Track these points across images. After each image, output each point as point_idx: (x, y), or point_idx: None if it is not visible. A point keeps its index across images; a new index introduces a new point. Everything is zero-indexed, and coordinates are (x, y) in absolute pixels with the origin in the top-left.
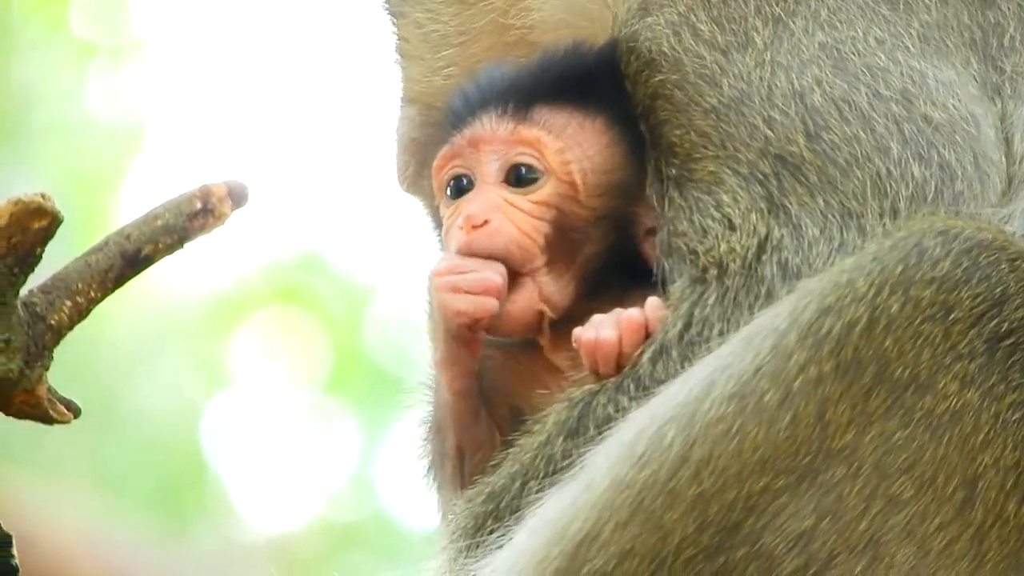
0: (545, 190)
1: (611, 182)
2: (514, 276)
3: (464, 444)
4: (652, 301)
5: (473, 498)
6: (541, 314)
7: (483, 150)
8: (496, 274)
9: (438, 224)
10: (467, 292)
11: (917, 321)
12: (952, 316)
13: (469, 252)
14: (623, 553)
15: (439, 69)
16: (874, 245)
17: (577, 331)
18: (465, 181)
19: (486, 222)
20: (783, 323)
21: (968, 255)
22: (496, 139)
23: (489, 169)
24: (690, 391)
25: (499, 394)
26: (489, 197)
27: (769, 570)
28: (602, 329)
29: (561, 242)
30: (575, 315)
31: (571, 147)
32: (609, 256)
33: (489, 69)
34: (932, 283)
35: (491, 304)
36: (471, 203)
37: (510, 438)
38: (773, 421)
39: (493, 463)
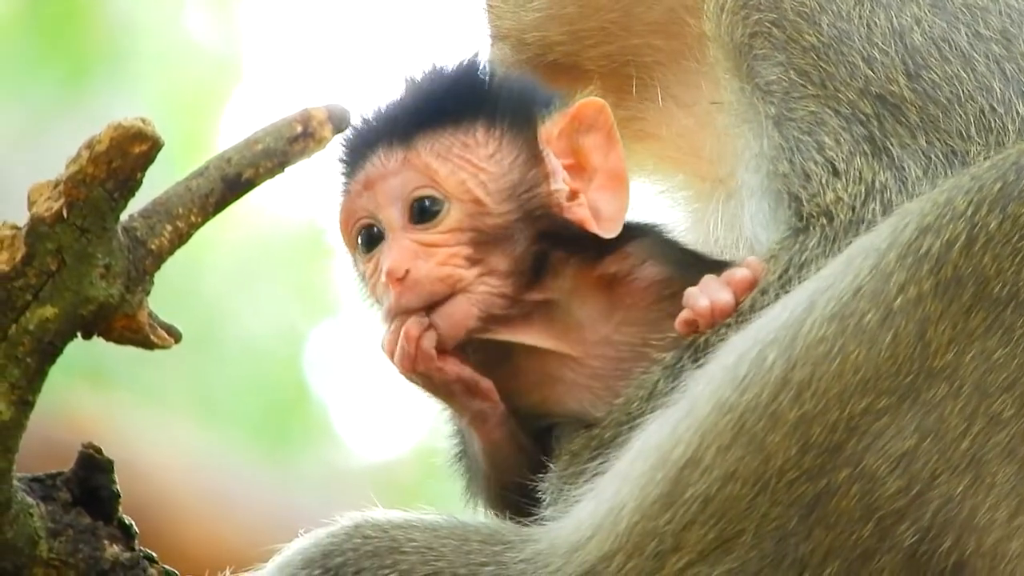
0: (452, 216)
1: (513, 182)
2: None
3: (519, 474)
4: (752, 259)
5: (579, 452)
6: (485, 317)
7: (379, 191)
8: (412, 326)
9: (360, 275)
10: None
11: (1015, 238)
12: None
13: (402, 311)
14: (726, 476)
15: (526, 3)
16: (973, 166)
17: (692, 301)
18: (375, 230)
19: (407, 272)
20: (883, 243)
21: None
22: (388, 175)
23: (392, 213)
24: (791, 313)
25: (524, 414)
26: (402, 245)
27: (872, 491)
28: (715, 294)
29: (489, 254)
30: (530, 301)
31: (462, 166)
32: (544, 240)
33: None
34: None
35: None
36: (387, 257)
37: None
38: (874, 341)
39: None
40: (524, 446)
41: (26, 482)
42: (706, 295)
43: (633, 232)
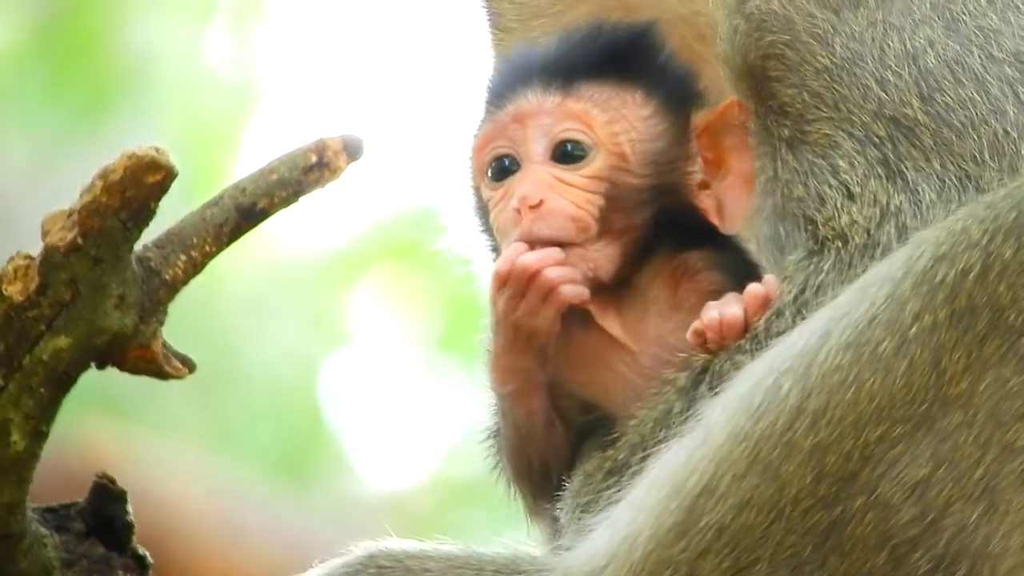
0: (595, 164)
1: (659, 149)
2: (564, 247)
3: (549, 458)
4: (769, 278)
5: (593, 474)
6: (587, 280)
7: (529, 125)
8: (554, 255)
9: (479, 206)
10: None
11: None
12: None
13: (530, 238)
14: (741, 504)
15: (532, 40)
16: (989, 195)
17: (704, 312)
18: (507, 162)
19: (542, 202)
20: (898, 271)
21: None
22: (543, 112)
23: (535, 147)
24: (806, 342)
25: (562, 388)
26: (539, 176)
27: (886, 519)
28: (726, 307)
29: (614, 212)
30: (624, 278)
31: (618, 119)
32: (662, 217)
33: (525, 49)
34: None
35: (584, 292)
36: (522, 183)
37: (588, 432)
38: (889, 370)
39: (613, 437)
40: (553, 422)
41: (40, 512)
42: (717, 308)
43: (714, 237)
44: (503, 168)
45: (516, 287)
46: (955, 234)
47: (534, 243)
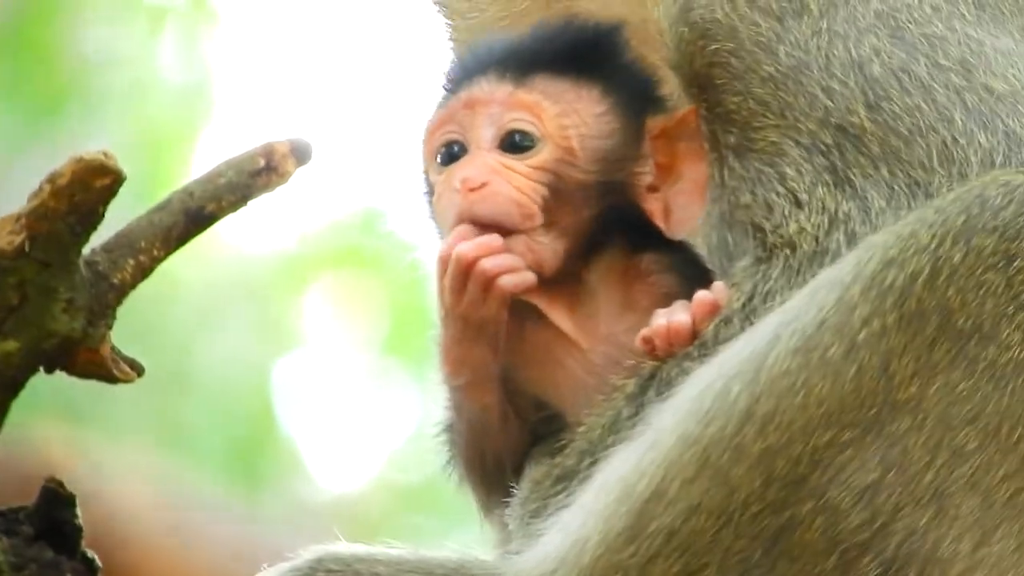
0: (542, 155)
1: (608, 147)
2: (508, 235)
3: (503, 453)
4: (718, 284)
5: (541, 480)
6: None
7: (479, 112)
8: (491, 240)
9: (428, 191)
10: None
11: (979, 271)
12: (1015, 265)
13: (470, 217)
14: (690, 509)
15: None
16: (937, 199)
17: (653, 319)
18: (457, 148)
19: (484, 184)
20: (847, 276)
21: None
22: (493, 101)
23: (483, 134)
24: (755, 346)
25: (514, 384)
26: (484, 161)
27: (835, 524)
28: (674, 314)
29: (559, 206)
30: (569, 272)
31: (569, 113)
32: (609, 216)
33: (485, 39)
34: (994, 232)
35: (531, 277)
36: (466, 167)
37: (541, 431)
38: (838, 374)
39: (561, 444)
40: (507, 416)
41: None
42: (665, 315)
43: (667, 241)
44: (452, 154)
45: (457, 278)
46: (904, 238)
47: (476, 223)
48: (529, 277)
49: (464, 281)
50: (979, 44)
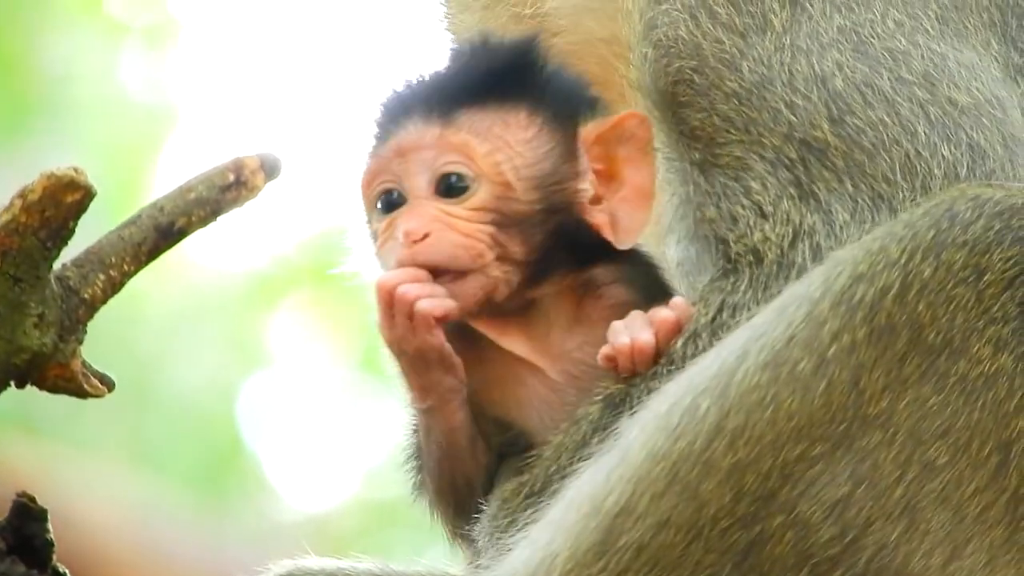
0: (480, 196)
1: (545, 171)
2: (463, 275)
3: (472, 476)
4: (678, 300)
5: (509, 499)
6: (486, 302)
7: (411, 159)
8: (421, 283)
9: (372, 237)
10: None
11: (949, 285)
12: (985, 279)
13: (413, 264)
14: (659, 524)
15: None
16: (906, 213)
17: (613, 336)
18: (396, 195)
19: (426, 235)
20: (816, 291)
21: (1000, 218)
22: (423, 146)
23: (418, 182)
24: (724, 361)
25: (478, 407)
26: (425, 210)
27: (805, 538)
28: (636, 332)
29: (507, 238)
30: (519, 295)
31: (500, 147)
32: (558, 236)
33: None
34: (964, 246)
35: (451, 304)
36: (407, 219)
37: (508, 450)
38: (807, 389)
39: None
40: (476, 437)
41: None
42: (628, 332)
43: (616, 251)
44: (391, 201)
45: (383, 309)
46: (873, 253)
47: (426, 268)
48: (449, 304)
49: (391, 312)
50: (942, 58)
